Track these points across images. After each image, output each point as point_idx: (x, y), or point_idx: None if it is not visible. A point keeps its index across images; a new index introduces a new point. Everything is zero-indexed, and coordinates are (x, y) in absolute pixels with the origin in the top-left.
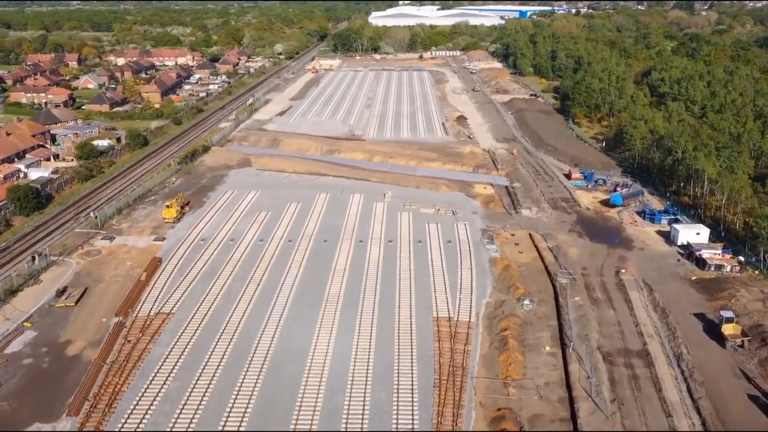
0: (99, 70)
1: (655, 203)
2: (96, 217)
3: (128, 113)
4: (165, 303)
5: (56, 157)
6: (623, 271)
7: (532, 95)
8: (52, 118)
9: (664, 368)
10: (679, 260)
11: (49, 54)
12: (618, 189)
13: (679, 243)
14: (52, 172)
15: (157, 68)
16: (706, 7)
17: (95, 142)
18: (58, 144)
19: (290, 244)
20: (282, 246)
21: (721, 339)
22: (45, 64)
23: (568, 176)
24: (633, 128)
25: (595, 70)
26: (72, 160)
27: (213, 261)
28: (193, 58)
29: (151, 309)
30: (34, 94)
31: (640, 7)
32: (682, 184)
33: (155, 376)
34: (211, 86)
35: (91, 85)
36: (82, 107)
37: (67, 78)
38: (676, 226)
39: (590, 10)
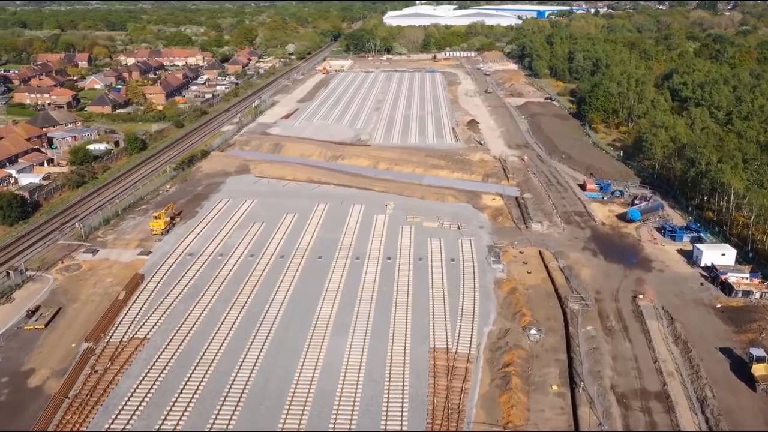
0: (106, 70)
1: (677, 218)
2: (81, 228)
3: (130, 115)
4: (141, 326)
5: (51, 161)
6: (641, 296)
7: (547, 99)
8: (50, 121)
9: (686, 415)
10: (702, 284)
11: (59, 54)
12: (636, 202)
13: (702, 264)
14: (43, 178)
15: (166, 68)
16: (729, 7)
17: (91, 146)
18: (55, 147)
19: (282, 260)
20: (273, 263)
21: (750, 380)
22: (54, 64)
23: (582, 187)
24: (653, 136)
25: (613, 73)
26: (67, 164)
27: (198, 279)
28: (204, 58)
29: (125, 333)
30: (38, 95)
31: (661, 7)
32: (705, 198)
33: (119, 413)
34: (218, 87)
35: (97, 86)
36: (86, 109)
37: (74, 78)
38: (699, 245)
39: (610, 10)
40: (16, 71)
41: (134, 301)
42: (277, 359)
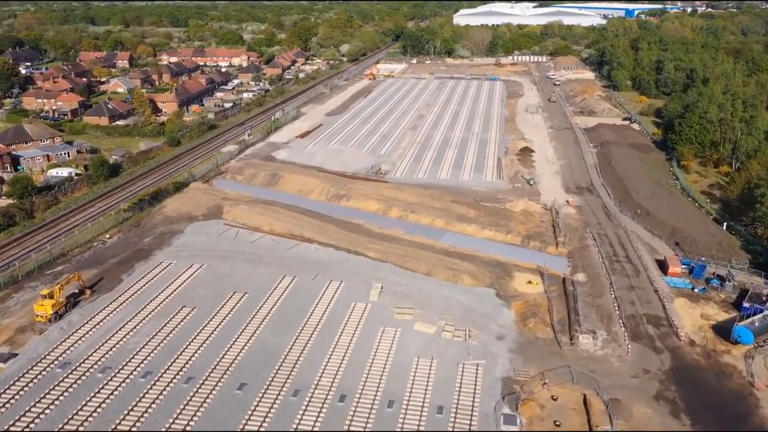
0: (132, 72)
1: None
2: None
3: (127, 129)
4: None
5: None
6: None
7: (625, 119)
8: (22, 136)
9: None
10: None
11: (101, 52)
12: (745, 306)
13: None
14: None
15: (202, 69)
16: None
17: (53, 171)
18: (21, 169)
19: (185, 388)
20: (168, 394)
21: None
22: (86, 63)
23: (663, 267)
24: None
25: (713, 91)
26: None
27: (44, 420)
28: (249, 58)
29: None
30: (45, 100)
31: None
32: None
33: None
34: (245, 94)
35: (120, 89)
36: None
37: (102, 80)
38: None
39: (709, 10)
40: (39, 71)
41: None
42: None
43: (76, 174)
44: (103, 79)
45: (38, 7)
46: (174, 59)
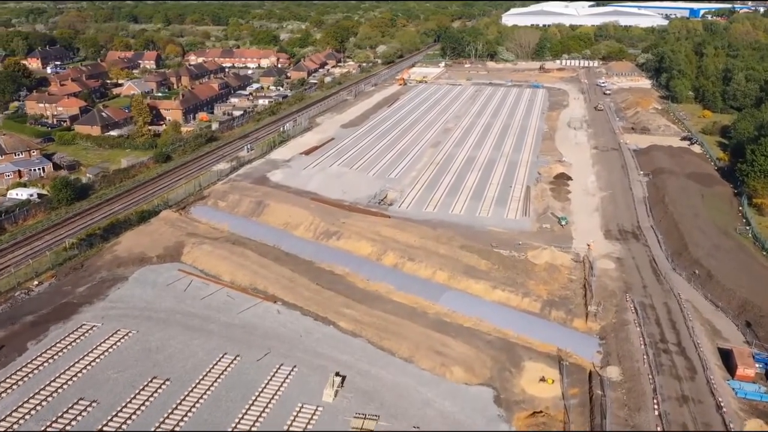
0: (148, 74)
1: None
2: None
3: (117, 140)
4: None
5: None
6: None
7: (684, 140)
8: None
9: None
10: None
11: (128, 52)
12: None
13: None
14: None
15: (224, 72)
16: None
17: (11, 192)
18: None
19: None
20: None
21: None
22: (107, 64)
23: (728, 362)
24: None
25: None
26: None
27: None
28: (278, 60)
29: None
30: (47, 104)
31: None
32: None
33: None
34: (260, 101)
35: (134, 93)
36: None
37: (119, 82)
38: None
39: None
40: (55, 73)
41: None
42: None
43: (40, 195)
44: (120, 82)
45: (90, 5)
46: (201, 59)
